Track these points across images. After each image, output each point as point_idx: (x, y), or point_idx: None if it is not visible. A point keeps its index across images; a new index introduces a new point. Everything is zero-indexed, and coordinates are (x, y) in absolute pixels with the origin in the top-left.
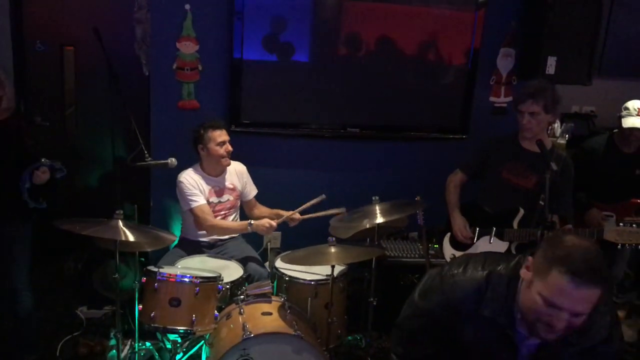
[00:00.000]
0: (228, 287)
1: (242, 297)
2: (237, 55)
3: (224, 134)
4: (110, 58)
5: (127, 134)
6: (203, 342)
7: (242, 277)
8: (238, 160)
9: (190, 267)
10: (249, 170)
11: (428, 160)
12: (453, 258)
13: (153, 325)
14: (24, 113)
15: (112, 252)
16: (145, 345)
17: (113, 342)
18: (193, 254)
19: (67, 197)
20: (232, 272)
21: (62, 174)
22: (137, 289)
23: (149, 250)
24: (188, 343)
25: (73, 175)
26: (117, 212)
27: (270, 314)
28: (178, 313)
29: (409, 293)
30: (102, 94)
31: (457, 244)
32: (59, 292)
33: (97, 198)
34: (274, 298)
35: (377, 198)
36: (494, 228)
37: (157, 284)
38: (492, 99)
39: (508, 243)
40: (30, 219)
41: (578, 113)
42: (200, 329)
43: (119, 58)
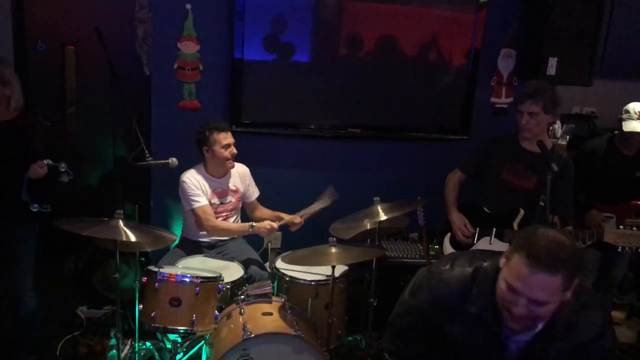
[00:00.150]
0: (228, 287)
1: (242, 297)
2: (238, 55)
3: (229, 137)
4: (112, 58)
5: (127, 134)
6: (203, 342)
7: (242, 277)
8: (238, 160)
9: (191, 267)
10: (250, 171)
11: (429, 161)
12: None
13: (153, 325)
14: (33, 113)
15: (112, 251)
16: (146, 345)
17: (113, 341)
18: (194, 254)
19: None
20: (232, 272)
21: (68, 177)
22: (137, 289)
23: (150, 250)
24: (188, 343)
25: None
26: (117, 211)
27: (271, 314)
28: (178, 313)
29: None
30: (103, 94)
31: (457, 244)
32: (59, 291)
33: (97, 198)
34: (275, 298)
35: (378, 199)
36: (494, 229)
37: (157, 284)
38: (493, 100)
39: (508, 244)
40: (37, 220)
41: (579, 114)
42: (201, 329)
43: (120, 58)
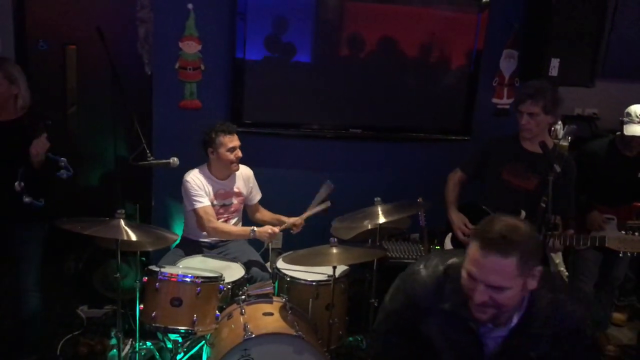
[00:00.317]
0: (229, 287)
1: (243, 297)
2: (239, 55)
3: (235, 139)
4: (113, 57)
5: (129, 134)
6: (204, 342)
7: (243, 277)
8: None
9: (192, 267)
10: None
11: (430, 162)
12: None
13: (154, 325)
14: (38, 112)
15: (113, 251)
16: (146, 345)
17: (114, 341)
18: (194, 254)
19: (68, 196)
20: (233, 272)
21: (68, 174)
22: (138, 289)
23: (150, 250)
24: (189, 343)
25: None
26: (118, 211)
27: (272, 315)
28: (179, 313)
29: None
30: (104, 93)
31: (458, 245)
32: (60, 291)
33: (98, 197)
34: (275, 298)
35: (379, 199)
36: None
37: (158, 284)
38: (494, 101)
39: None
40: (43, 220)
41: (580, 115)
42: (202, 329)
43: (122, 57)
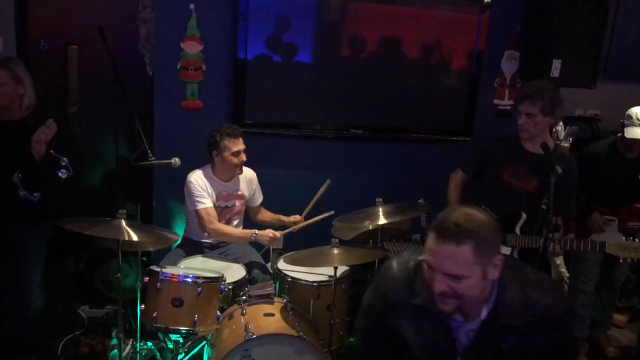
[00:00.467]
0: (230, 287)
1: (244, 297)
2: (241, 56)
3: (240, 143)
4: (114, 57)
5: (130, 134)
6: (205, 342)
7: (244, 277)
8: None
9: (193, 267)
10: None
11: (431, 162)
12: None
13: (155, 325)
14: (43, 112)
15: (114, 251)
16: (147, 345)
17: (114, 341)
18: (195, 254)
19: (70, 196)
20: (234, 272)
21: (67, 174)
22: (139, 289)
23: (151, 250)
24: (190, 343)
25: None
26: (120, 211)
27: (273, 315)
28: (180, 313)
29: None
30: (105, 93)
31: None
32: (61, 291)
33: (100, 197)
34: (276, 299)
35: (380, 200)
36: None
37: (159, 284)
38: (496, 102)
39: (511, 249)
40: (46, 220)
41: (582, 116)
42: (203, 330)
43: (123, 57)
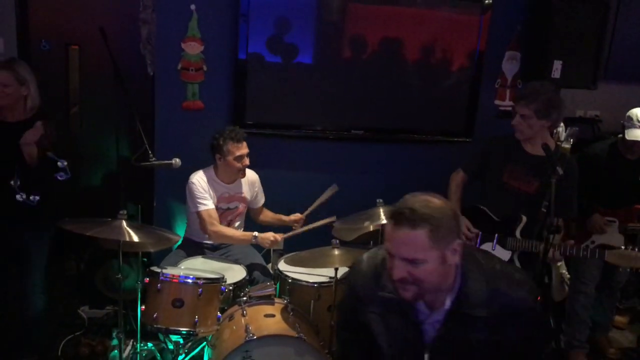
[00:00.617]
0: (231, 288)
1: (244, 298)
2: (241, 56)
3: (244, 147)
4: (115, 58)
5: (131, 134)
6: (205, 343)
7: (245, 278)
8: None
9: (193, 268)
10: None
11: (432, 163)
12: None
13: (155, 326)
14: (46, 113)
15: (114, 252)
16: (148, 346)
17: (115, 342)
18: (196, 255)
19: (70, 197)
20: (235, 273)
21: (66, 176)
22: (139, 289)
23: (152, 251)
24: (190, 344)
25: (77, 175)
26: (120, 212)
27: (273, 316)
28: (181, 314)
29: None
30: (106, 94)
31: None
32: (61, 291)
33: (100, 198)
34: (277, 300)
35: (381, 200)
36: (497, 235)
37: (160, 285)
38: (497, 102)
39: (511, 252)
40: (48, 222)
41: (583, 117)
42: (203, 330)
43: (124, 58)
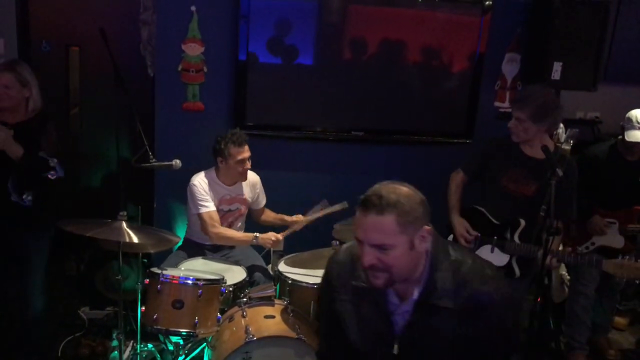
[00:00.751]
0: (231, 289)
1: (244, 299)
2: (242, 58)
3: (245, 151)
4: (116, 59)
5: (131, 135)
6: (205, 344)
7: (245, 279)
8: None
9: (194, 269)
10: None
11: (432, 165)
12: None
13: (155, 327)
14: (47, 115)
15: (114, 253)
16: (148, 347)
17: (115, 343)
18: (197, 256)
19: (70, 197)
20: (235, 274)
21: (57, 175)
22: (139, 290)
23: (152, 252)
24: (190, 345)
25: (77, 176)
26: (121, 213)
27: (273, 317)
28: (181, 315)
29: None
30: (107, 95)
31: None
32: (61, 292)
33: (100, 199)
34: (277, 301)
35: None
36: (495, 238)
37: (160, 286)
38: (496, 104)
39: (509, 256)
40: (47, 222)
41: (583, 119)
42: (203, 332)
43: (124, 59)
